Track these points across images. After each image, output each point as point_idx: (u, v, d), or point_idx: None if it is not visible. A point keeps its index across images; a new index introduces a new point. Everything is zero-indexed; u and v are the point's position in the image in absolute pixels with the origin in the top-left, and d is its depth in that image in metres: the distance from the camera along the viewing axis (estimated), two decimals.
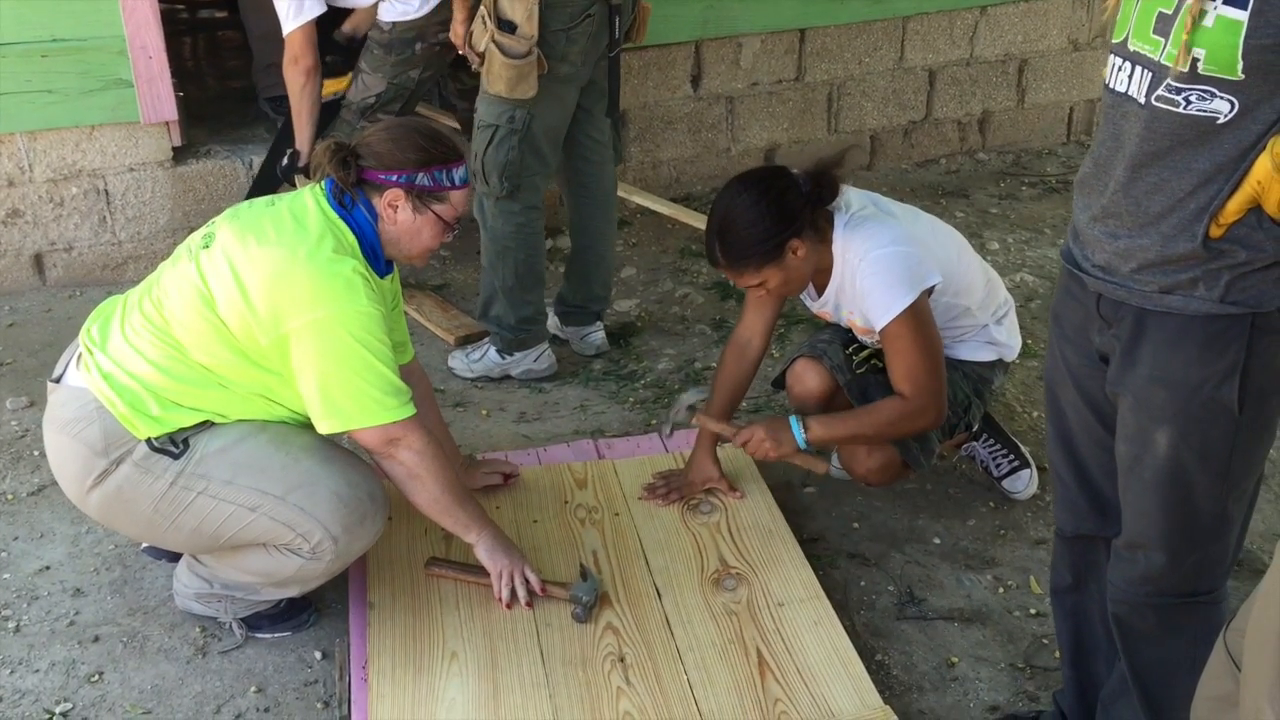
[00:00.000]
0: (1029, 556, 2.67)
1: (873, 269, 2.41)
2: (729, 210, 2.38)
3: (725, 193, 2.42)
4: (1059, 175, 4.92)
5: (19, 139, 3.71)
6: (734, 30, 4.50)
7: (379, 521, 2.28)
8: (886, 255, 2.41)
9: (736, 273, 2.42)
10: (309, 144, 3.53)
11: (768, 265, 2.38)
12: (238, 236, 2.18)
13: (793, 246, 2.37)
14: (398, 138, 2.25)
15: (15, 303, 3.81)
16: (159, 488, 2.17)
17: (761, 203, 2.35)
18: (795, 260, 2.39)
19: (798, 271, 2.43)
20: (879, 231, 2.44)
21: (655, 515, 2.65)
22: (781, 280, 2.43)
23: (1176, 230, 1.60)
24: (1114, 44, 1.65)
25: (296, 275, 2.12)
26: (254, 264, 2.14)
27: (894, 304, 2.38)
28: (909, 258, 2.41)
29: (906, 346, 2.40)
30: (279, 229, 2.18)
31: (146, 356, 2.18)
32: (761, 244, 2.35)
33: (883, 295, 2.40)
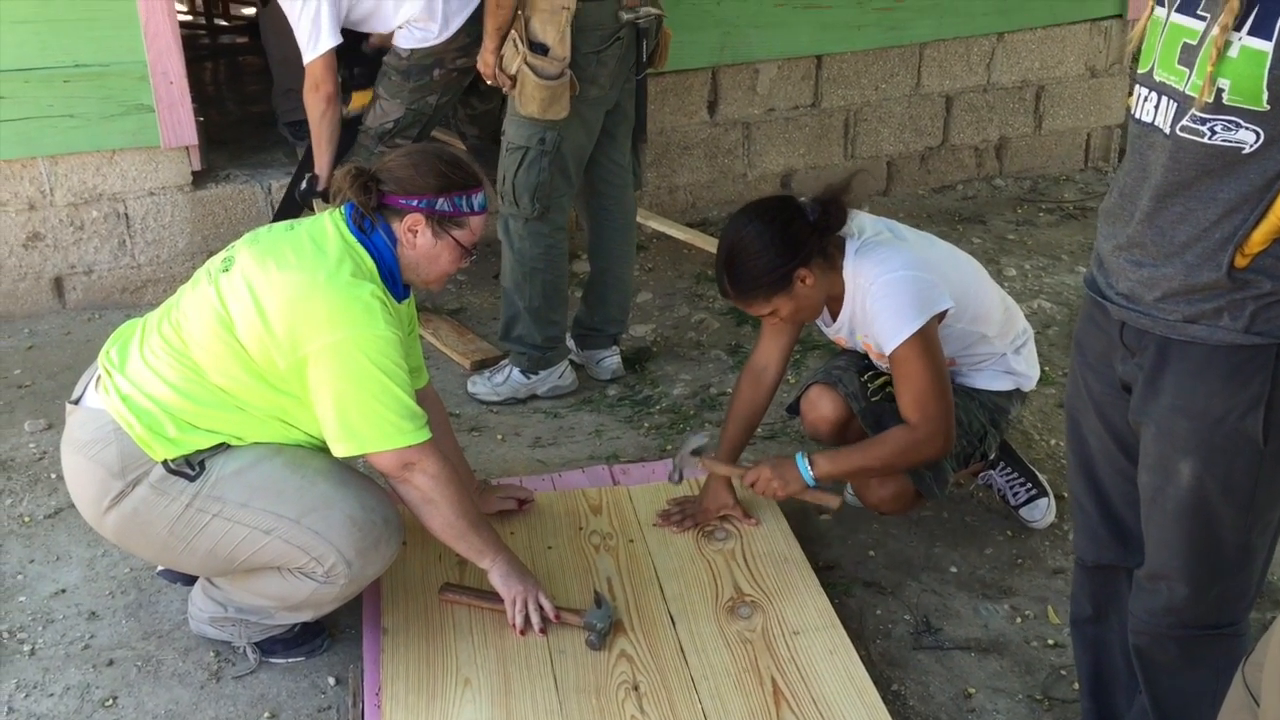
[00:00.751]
0: (1047, 586, 2.65)
1: (882, 293, 2.40)
2: (736, 242, 2.38)
3: (732, 224, 2.42)
4: (1077, 201, 4.91)
5: (41, 163, 3.75)
6: (751, 57, 4.52)
7: (393, 545, 2.28)
8: (896, 279, 2.40)
9: (746, 303, 2.42)
10: (328, 169, 3.54)
11: (777, 295, 2.38)
12: (257, 260, 2.19)
13: (801, 275, 2.37)
14: (418, 163, 2.26)
15: (35, 325, 3.83)
16: (175, 510, 2.17)
17: (767, 233, 2.35)
18: (805, 289, 2.39)
19: (808, 299, 2.43)
20: (890, 256, 2.44)
21: (670, 542, 2.64)
22: (793, 309, 2.42)
23: (1201, 260, 1.59)
24: (1140, 74, 1.65)
25: (315, 299, 2.13)
26: (273, 287, 2.15)
27: (902, 328, 2.37)
28: (919, 282, 2.41)
29: (915, 371, 2.39)
30: (298, 253, 2.19)
31: (165, 379, 2.18)
32: (769, 275, 2.36)
33: (891, 319, 2.39)
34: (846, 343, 2.66)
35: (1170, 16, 1.59)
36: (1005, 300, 2.71)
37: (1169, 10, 1.59)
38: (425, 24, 3.45)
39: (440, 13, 3.44)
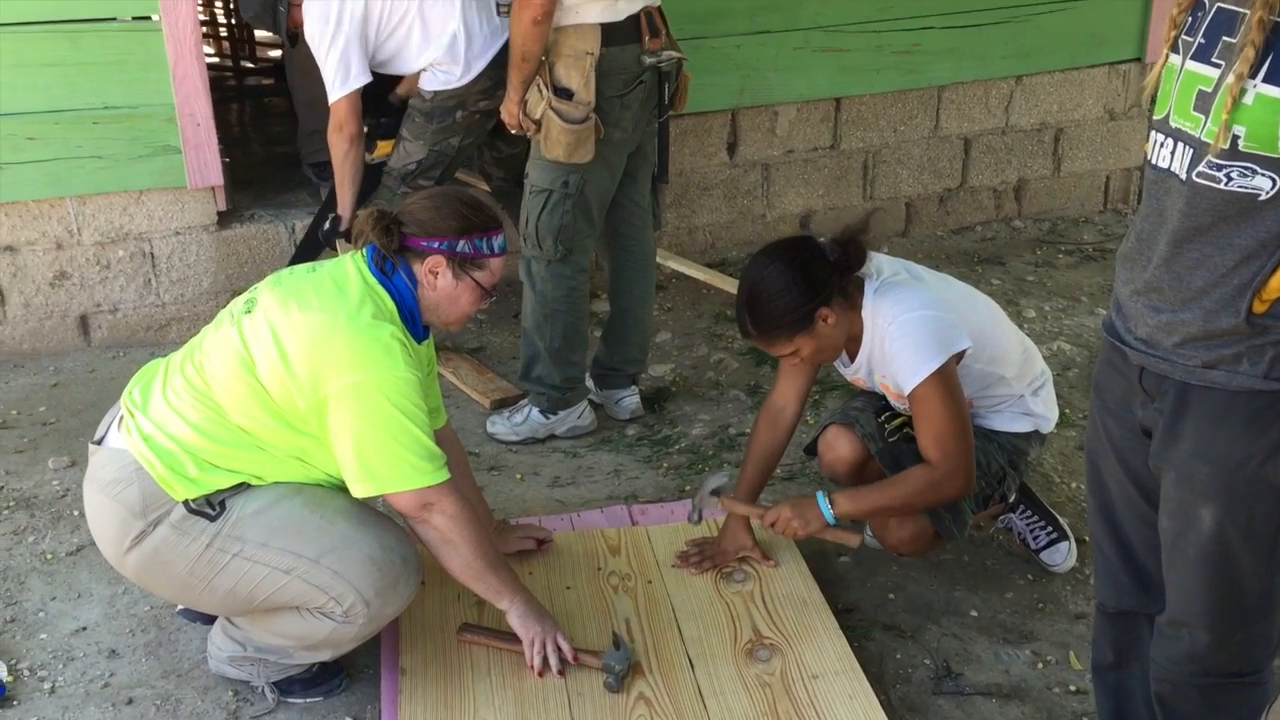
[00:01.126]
0: (1068, 631, 2.63)
1: (901, 332, 2.41)
2: (757, 282, 2.39)
3: (753, 265, 2.44)
4: (1096, 243, 4.91)
5: (69, 203, 3.80)
6: (770, 99, 4.56)
7: (412, 585, 2.28)
8: (915, 319, 2.41)
9: (768, 343, 2.43)
10: (350, 209, 3.58)
11: (799, 335, 2.39)
12: (279, 302, 2.22)
13: (822, 315, 2.38)
14: (439, 205, 2.29)
15: (60, 363, 3.87)
16: (195, 549, 2.19)
17: (789, 273, 2.36)
18: (826, 328, 2.40)
19: (829, 339, 2.43)
20: (908, 296, 2.45)
21: (688, 583, 2.64)
22: (814, 349, 2.43)
23: (1219, 306, 1.60)
24: (1156, 120, 1.66)
25: (336, 340, 2.15)
26: (295, 329, 2.17)
27: (922, 367, 2.38)
28: (938, 321, 2.42)
29: (934, 410, 2.39)
30: (320, 295, 2.21)
31: (186, 419, 2.20)
32: (791, 314, 2.37)
33: (911, 358, 2.39)
34: (864, 384, 2.66)
35: (1185, 64, 1.60)
36: (1023, 341, 2.71)
37: (1184, 58, 1.61)
38: (448, 67, 3.50)
39: (463, 56, 3.49)
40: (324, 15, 3.40)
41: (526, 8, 2.92)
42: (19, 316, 3.87)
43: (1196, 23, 1.60)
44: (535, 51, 3.00)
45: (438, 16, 3.46)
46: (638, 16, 3.07)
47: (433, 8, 3.46)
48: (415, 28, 3.47)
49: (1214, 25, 1.57)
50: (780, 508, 2.50)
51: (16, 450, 3.34)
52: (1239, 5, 1.53)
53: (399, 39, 3.49)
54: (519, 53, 3.02)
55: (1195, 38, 1.59)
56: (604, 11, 3.01)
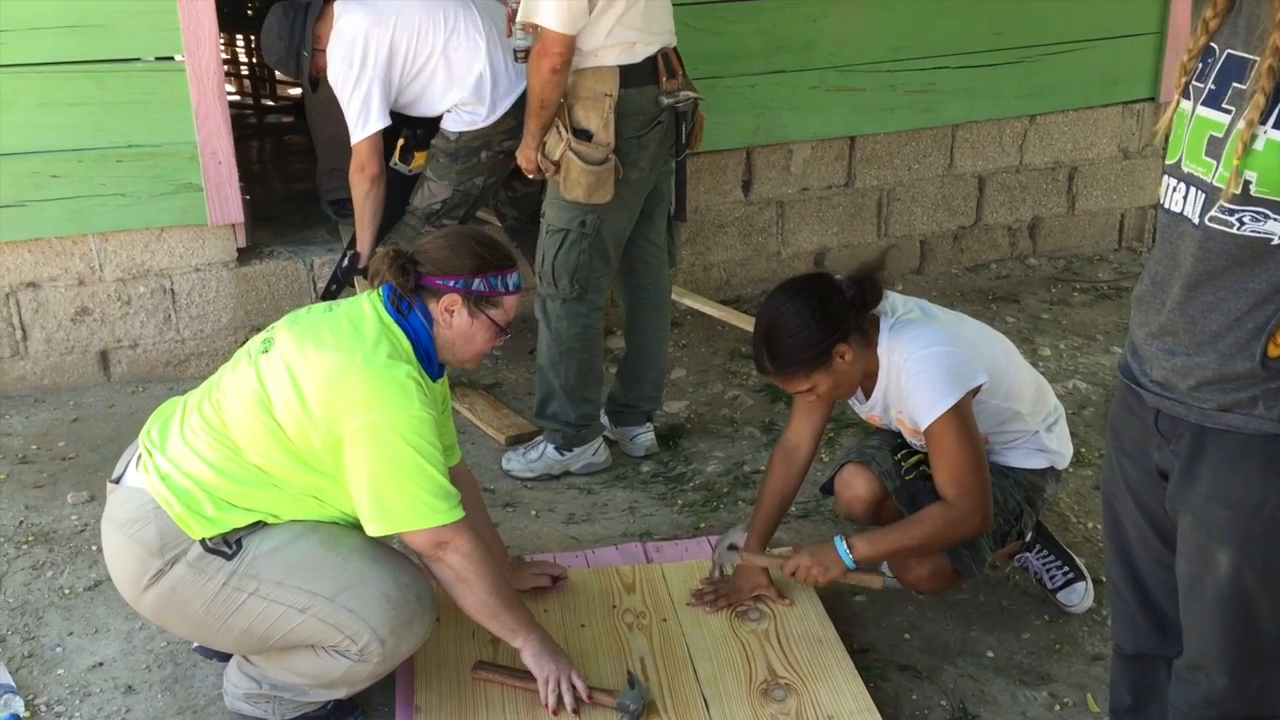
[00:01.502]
0: (1085, 673, 2.61)
1: (917, 369, 2.42)
2: (775, 317, 2.40)
3: (770, 301, 2.45)
4: (1111, 281, 4.91)
5: (91, 240, 3.85)
6: (785, 138, 4.59)
7: (427, 623, 2.29)
8: (930, 355, 2.42)
9: (785, 379, 2.43)
10: (370, 247, 3.62)
11: (816, 371, 2.40)
12: (296, 342, 2.24)
13: (840, 351, 2.39)
14: (454, 245, 2.32)
15: (80, 398, 3.90)
16: (212, 588, 2.20)
17: (807, 309, 2.37)
18: (843, 364, 2.41)
19: (846, 375, 2.44)
20: (924, 333, 2.46)
21: (703, 622, 2.63)
22: (830, 385, 2.44)
23: (1234, 349, 1.60)
24: (1168, 165, 1.67)
25: (352, 379, 2.17)
26: (311, 368, 2.19)
27: (938, 403, 2.38)
28: (953, 357, 2.42)
29: (951, 446, 2.40)
30: (336, 334, 2.24)
31: (203, 458, 2.22)
32: (809, 349, 2.37)
33: (927, 395, 2.40)
34: (880, 421, 2.66)
35: (1197, 110, 1.61)
36: (1036, 378, 2.72)
37: (1195, 103, 1.62)
38: (473, 108, 3.54)
39: (489, 97, 3.52)
40: (348, 58, 3.45)
41: (545, 57, 2.96)
42: (40, 351, 3.91)
43: (1207, 69, 1.62)
44: (554, 99, 3.04)
45: (462, 58, 3.50)
46: (655, 58, 3.10)
47: (457, 49, 3.50)
48: (440, 69, 3.51)
49: (1224, 72, 1.59)
50: (799, 556, 2.51)
51: (36, 485, 3.37)
52: (1249, 52, 1.55)
53: (423, 81, 3.53)
54: (537, 100, 3.05)
55: (1206, 84, 1.61)
56: (622, 54, 3.05)
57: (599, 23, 3.00)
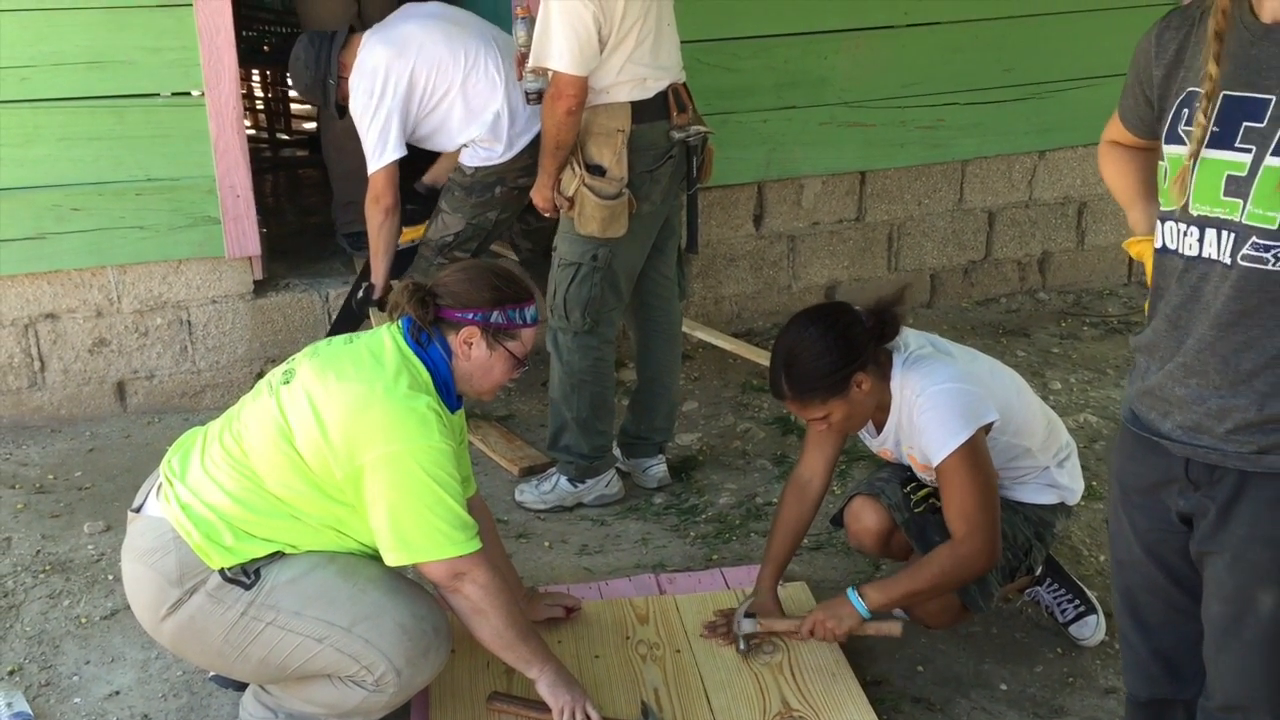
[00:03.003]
0: (1099, 706, 2.61)
1: (930, 404, 2.43)
2: (795, 343, 2.42)
3: (791, 327, 2.47)
4: (1121, 316, 4.93)
5: (110, 272, 3.89)
6: (796, 172, 4.63)
7: (442, 654, 2.30)
8: (943, 391, 2.43)
9: (802, 405, 2.44)
10: (384, 279, 3.66)
11: (833, 398, 2.41)
12: (317, 373, 2.26)
13: (858, 380, 2.41)
14: (473, 278, 2.35)
15: (96, 428, 3.93)
16: (230, 618, 2.22)
17: (828, 336, 2.39)
18: (860, 394, 2.43)
19: (861, 406, 2.46)
20: (936, 369, 2.47)
21: (717, 653, 2.64)
22: (845, 414, 2.45)
23: (1272, 388, 1.61)
24: (1166, 211, 1.68)
25: (373, 411, 2.19)
26: (332, 399, 2.21)
27: (950, 440, 2.40)
28: (966, 394, 2.44)
29: (962, 482, 2.41)
30: (357, 366, 2.26)
31: (224, 488, 2.24)
32: (828, 377, 2.39)
33: (939, 431, 2.41)
34: (891, 455, 2.68)
35: (1202, 153, 1.62)
36: (1048, 414, 2.73)
37: (1198, 147, 1.63)
38: (490, 144, 3.58)
39: (505, 134, 3.56)
40: (369, 89, 3.50)
41: (560, 99, 3.00)
42: (58, 382, 3.94)
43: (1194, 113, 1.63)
44: (569, 141, 3.08)
45: (480, 94, 3.55)
46: (665, 93, 3.15)
47: (475, 85, 3.54)
48: (457, 104, 3.55)
49: (1226, 112, 1.60)
50: (814, 615, 2.52)
51: (52, 515, 3.39)
52: (1254, 91, 1.57)
53: (441, 114, 3.57)
54: (552, 142, 3.09)
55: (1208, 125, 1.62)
56: (634, 90, 3.09)
57: (610, 61, 3.04)
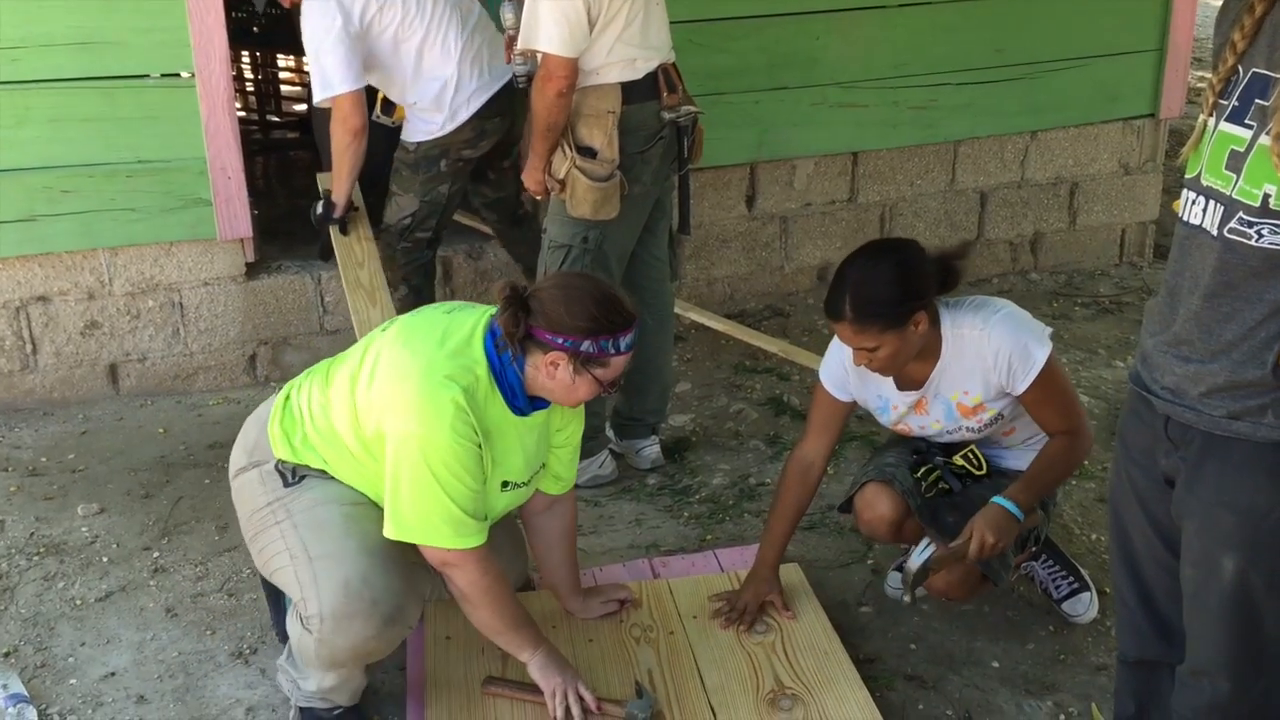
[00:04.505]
0: (1090, 683, 2.63)
1: (1002, 330, 2.49)
2: (869, 266, 2.43)
3: (864, 252, 2.48)
4: (1112, 296, 4.94)
5: (101, 254, 3.88)
6: (788, 153, 4.63)
7: (371, 628, 2.25)
8: (1009, 315, 2.52)
9: (858, 329, 2.42)
10: (345, 198, 3.65)
11: (889, 330, 2.41)
12: (398, 332, 2.33)
13: (917, 319, 2.42)
14: (572, 301, 2.23)
15: (89, 411, 3.93)
16: (259, 502, 2.35)
17: (899, 268, 2.41)
18: (913, 333, 2.44)
19: (909, 346, 2.47)
20: (987, 304, 2.56)
21: (710, 634, 2.65)
22: (893, 350, 2.44)
23: (1246, 358, 1.63)
24: (1188, 179, 1.70)
25: (406, 385, 2.21)
26: (387, 361, 2.27)
27: (1038, 351, 2.48)
28: (1028, 317, 2.55)
29: (1058, 387, 2.51)
30: (424, 339, 2.27)
31: (313, 399, 2.37)
32: (892, 307, 2.39)
33: (1025, 346, 2.48)
34: (910, 426, 2.68)
35: (1219, 125, 1.65)
36: None
37: (1217, 119, 1.66)
38: (431, 114, 3.56)
39: (449, 105, 3.54)
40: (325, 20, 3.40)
41: (551, 81, 2.99)
42: (50, 365, 3.93)
43: (1230, 87, 1.65)
44: (560, 122, 3.06)
45: (434, 60, 3.52)
46: (655, 73, 3.14)
47: (431, 49, 3.52)
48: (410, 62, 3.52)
49: (1248, 89, 1.62)
50: (978, 537, 2.42)
51: (46, 497, 3.39)
52: (1272, 70, 1.58)
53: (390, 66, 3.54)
54: (544, 124, 3.07)
55: (1230, 101, 1.64)
56: (623, 71, 3.08)
57: (600, 41, 3.03)
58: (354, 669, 2.36)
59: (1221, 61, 1.66)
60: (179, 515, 3.29)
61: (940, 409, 2.63)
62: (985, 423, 2.60)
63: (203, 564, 3.06)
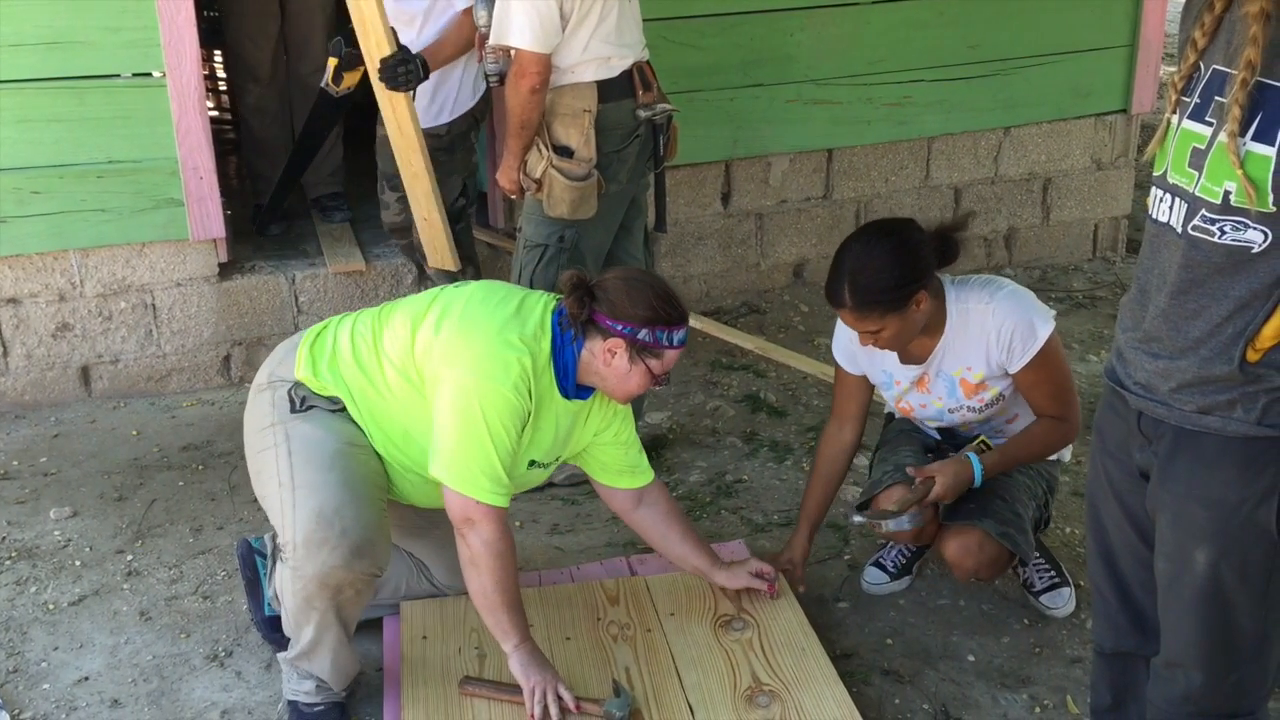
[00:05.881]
0: (1065, 675, 2.65)
1: (1007, 304, 2.51)
2: (864, 254, 2.44)
3: (861, 236, 2.49)
4: (1086, 291, 4.97)
5: (72, 255, 3.85)
6: (763, 150, 4.63)
7: (337, 558, 2.28)
8: (1014, 293, 2.55)
9: (859, 316, 2.45)
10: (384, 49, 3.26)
11: (892, 313, 2.43)
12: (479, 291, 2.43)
13: (918, 299, 2.44)
14: (634, 290, 2.36)
15: (61, 414, 3.89)
16: (264, 421, 2.41)
17: (898, 251, 2.43)
18: (916, 313, 2.46)
19: (913, 325, 2.49)
20: (992, 282, 2.59)
21: (687, 631, 2.65)
22: (896, 332, 2.47)
23: (1214, 354, 1.64)
24: (1155, 176, 1.72)
25: (475, 337, 2.31)
26: (458, 313, 2.35)
27: (1040, 329, 2.51)
28: (1031, 296, 2.58)
29: (1055, 367, 2.55)
30: (505, 304, 2.38)
31: (356, 335, 2.44)
32: (892, 291, 2.41)
33: (1028, 327, 2.51)
34: (911, 405, 2.69)
35: (1182, 122, 1.66)
36: None
37: (1180, 117, 1.67)
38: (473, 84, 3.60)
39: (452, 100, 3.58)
40: None
41: (524, 78, 2.98)
42: (21, 368, 3.90)
43: (1193, 84, 1.66)
44: (534, 120, 3.05)
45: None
46: (630, 71, 3.13)
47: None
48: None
49: (1208, 86, 1.63)
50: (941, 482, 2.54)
51: (18, 500, 3.36)
52: (1230, 67, 1.59)
53: None
54: (518, 121, 3.06)
55: (1192, 98, 1.65)
56: (599, 69, 3.07)
57: (574, 39, 3.02)
58: (329, 616, 2.34)
59: (1184, 59, 1.68)
60: (152, 518, 3.27)
61: (943, 386, 2.64)
62: (986, 402, 2.62)
63: (177, 567, 3.04)
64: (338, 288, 4.16)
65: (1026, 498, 2.68)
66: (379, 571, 2.37)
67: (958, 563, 2.64)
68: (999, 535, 2.58)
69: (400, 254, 4.11)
